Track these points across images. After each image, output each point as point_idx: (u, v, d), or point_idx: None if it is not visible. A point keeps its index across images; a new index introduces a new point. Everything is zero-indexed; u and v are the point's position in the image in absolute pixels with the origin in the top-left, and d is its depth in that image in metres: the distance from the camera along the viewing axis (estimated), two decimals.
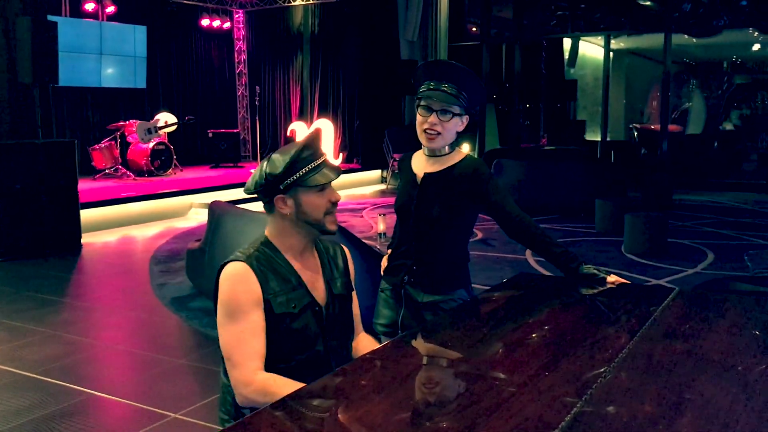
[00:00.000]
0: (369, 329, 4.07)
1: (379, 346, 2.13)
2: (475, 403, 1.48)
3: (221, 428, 1.97)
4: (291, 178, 1.95)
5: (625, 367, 1.62)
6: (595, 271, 2.33)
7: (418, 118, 2.46)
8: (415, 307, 2.53)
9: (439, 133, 2.43)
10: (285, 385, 1.80)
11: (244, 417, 1.90)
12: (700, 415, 1.40)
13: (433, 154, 2.51)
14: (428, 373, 1.73)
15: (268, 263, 1.96)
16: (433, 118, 2.41)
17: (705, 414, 1.40)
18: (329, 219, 2.02)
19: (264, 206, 2.05)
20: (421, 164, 2.55)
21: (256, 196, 2.03)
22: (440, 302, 2.49)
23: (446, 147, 2.49)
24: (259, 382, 1.85)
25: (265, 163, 1.99)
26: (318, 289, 2.04)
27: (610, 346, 1.79)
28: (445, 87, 2.38)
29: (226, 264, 1.96)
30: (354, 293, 2.19)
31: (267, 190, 1.97)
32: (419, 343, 1.95)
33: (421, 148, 2.60)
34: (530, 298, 2.37)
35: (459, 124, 2.45)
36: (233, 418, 1.96)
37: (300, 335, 1.96)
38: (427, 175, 2.50)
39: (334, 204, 2.02)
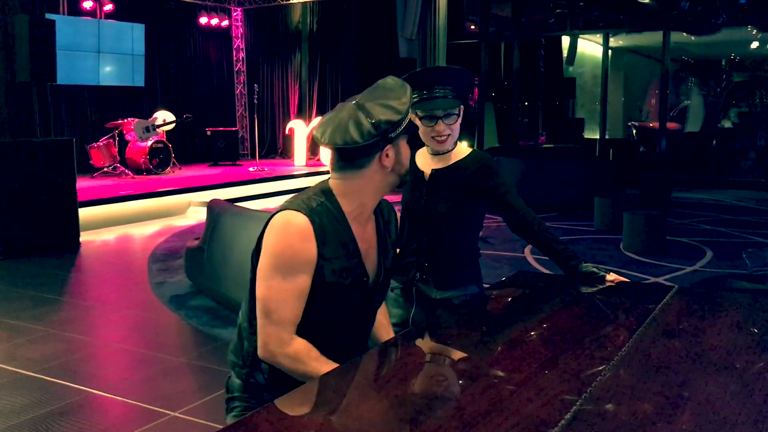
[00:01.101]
0: None
1: (387, 315, 2.14)
2: (475, 401, 1.48)
3: (230, 368, 1.94)
4: (403, 125, 1.81)
5: (625, 365, 1.62)
6: (595, 270, 2.33)
7: (422, 128, 2.46)
8: (427, 304, 2.53)
9: (449, 135, 2.46)
10: (317, 360, 1.74)
11: (255, 370, 1.86)
12: (699, 412, 1.40)
13: (431, 152, 2.55)
14: (428, 372, 1.73)
15: (329, 220, 1.80)
16: (440, 126, 2.43)
17: (704, 412, 1.40)
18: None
19: (350, 164, 1.82)
20: (426, 161, 2.56)
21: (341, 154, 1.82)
22: (453, 298, 2.50)
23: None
24: (294, 346, 1.76)
25: (371, 110, 1.79)
26: (370, 261, 1.90)
27: (610, 344, 1.79)
28: (438, 92, 2.41)
29: (283, 210, 1.79)
30: None
31: (375, 141, 1.77)
32: (418, 342, 1.95)
33: (418, 145, 2.61)
34: (529, 296, 2.37)
35: (460, 118, 2.49)
36: (247, 366, 1.88)
37: (343, 306, 1.85)
38: (435, 171, 2.51)
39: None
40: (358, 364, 1.74)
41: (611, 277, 2.33)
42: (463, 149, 2.55)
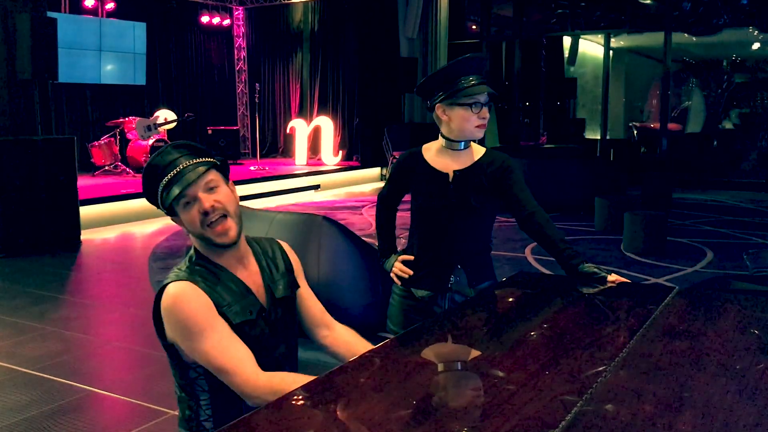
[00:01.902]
0: (369, 328, 4.06)
1: (358, 337, 2.10)
2: (475, 401, 1.48)
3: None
4: (160, 195, 1.91)
5: (625, 367, 1.61)
6: (596, 270, 2.32)
7: (462, 113, 2.42)
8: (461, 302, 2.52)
9: (485, 125, 2.49)
10: (293, 382, 1.73)
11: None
12: (700, 414, 1.39)
13: (454, 148, 2.50)
14: (428, 372, 1.73)
15: (210, 275, 1.85)
16: (484, 112, 2.45)
17: (705, 413, 1.40)
18: (210, 230, 1.84)
19: None
20: (444, 162, 2.51)
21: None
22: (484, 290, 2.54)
23: (466, 140, 2.51)
24: (263, 382, 1.76)
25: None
26: (261, 295, 1.94)
27: (610, 345, 1.79)
28: (483, 79, 2.44)
29: (164, 288, 1.82)
30: (305, 289, 2.09)
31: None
32: (418, 343, 1.94)
33: (418, 145, 2.60)
34: (530, 296, 2.36)
35: None
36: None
37: (258, 342, 1.87)
38: (458, 172, 2.49)
39: (206, 213, 1.83)
40: (357, 364, 1.74)
41: (612, 278, 2.32)
42: (479, 148, 2.56)
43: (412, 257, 2.58)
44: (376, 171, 13.79)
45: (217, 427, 1.83)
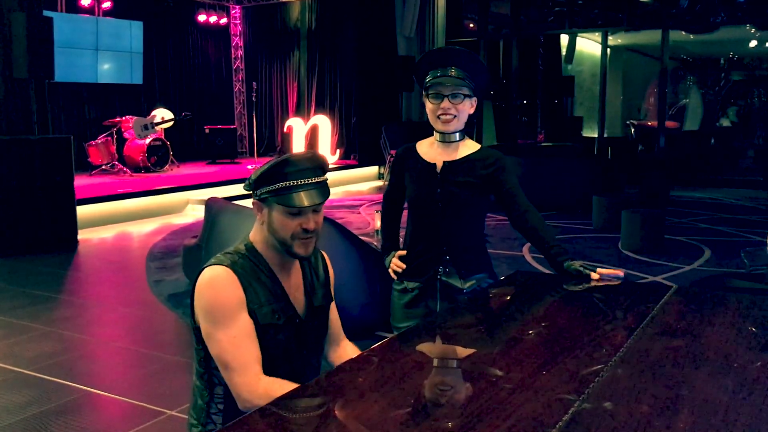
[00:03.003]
0: (367, 328, 4.06)
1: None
2: (473, 401, 1.47)
3: (188, 429, 1.96)
4: (261, 189, 1.85)
5: (624, 365, 1.61)
6: (580, 269, 2.33)
7: (430, 106, 2.48)
8: (452, 295, 2.53)
9: (454, 116, 2.45)
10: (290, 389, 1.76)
11: (207, 425, 1.89)
12: (699, 412, 1.39)
13: (445, 141, 2.52)
14: (426, 372, 1.72)
15: (252, 271, 1.87)
16: (445, 103, 2.44)
17: (703, 411, 1.40)
18: (297, 243, 1.87)
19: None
20: (434, 154, 2.55)
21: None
22: (477, 284, 2.54)
23: (457, 134, 2.51)
24: (263, 387, 1.77)
25: (269, 163, 1.88)
26: (298, 301, 1.96)
27: (608, 344, 1.78)
28: (453, 72, 2.42)
29: (206, 268, 1.85)
30: (333, 303, 2.13)
31: (250, 188, 1.89)
32: (416, 342, 1.94)
33: (417, 141, 2.62)
34: (528, 295, 2.36)
35: (469, 105, 2.49)
36: (201, 423, 1.91)
37: (281, 348, 1.88)
38: (447, 163, 2.51)
39: (306, 231, 1.86)
40: (356, 364, 1.74)
41: (596, 276, 2.32)
42: (473, 144, 2.57)
43: (405, 252, 2.62)
44: (373, 170, 13.78)
45: (226, 422, 1.83)
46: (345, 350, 2.14)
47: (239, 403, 1.80)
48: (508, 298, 2.34)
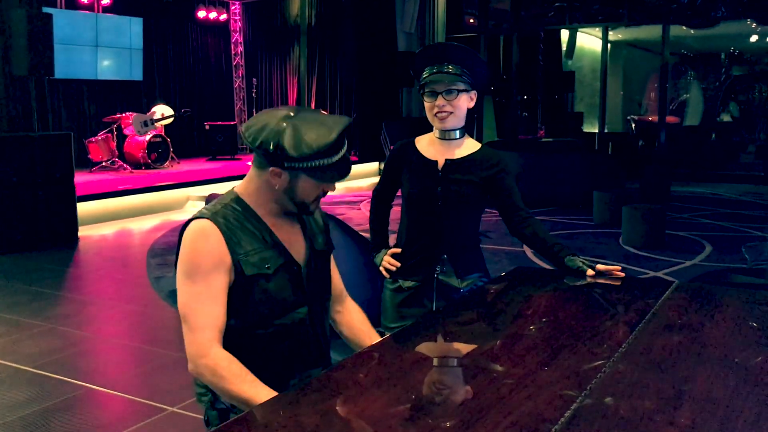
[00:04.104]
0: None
1: (367, 323, 2.11)
2: (475, 397, 1.47)
3: (197, 401, 1.93)
4: (302, 164, 1.76)
5: (625, 361, 1.61)
6: (580, 264, 2.33)
7: (426, 104, 2.46)
8: (450, 294, 2.51)
9: (450, 113, 2.42)
10: (237, 375, 1.69)
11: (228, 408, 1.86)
12: (700, 407, 1.39)
13: (445, 138, 2.49)
14: (427, 368, 1.72)
15: (237, 221, 1.80)
16: (439, 100, 2.41)
17: (705, 407, 1.39)
18: (315, 204, 1.88)
19: (254, 160, 1.86)
20: (434, 151, 2.52)
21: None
22: (473, 282, 2.53)
23: (457, 132, 2.48)
24: (212, 358, 1.70)
25: (286, 130, 1.75)
26: (296, 247, 1.89)
27: (610, 340, 1.78)
28: (449, 68, 2.39)
29: (189, 221, 1.80)
30: (332, 258, 2.09)
31: (269, 157, 1.77)
32: (417, 338, 1.94)
33: (416, 137, 2.60)
34: (529, 291, 2.36)
35: (468, 100, 2.45)
36: (210, 392, 1.85)
37: (277, 298, 1.82)
38: (449, 161, 2.48)
39: (326, 193, 1.88)
40: (356, 361, 1.73)
41: (602, 267, 2.33)
42: (474, 143, 2.54)
43: (399, 250, 2.59)
44: (374, 166, 13.77)
45: (233, 407, 1.80)
46: (350, 313, 2.11)
47: (188, 366, 1.75)
48: (509, 294, 2.34)
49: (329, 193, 1.91)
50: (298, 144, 1.74)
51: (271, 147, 1.74)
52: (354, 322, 2.10)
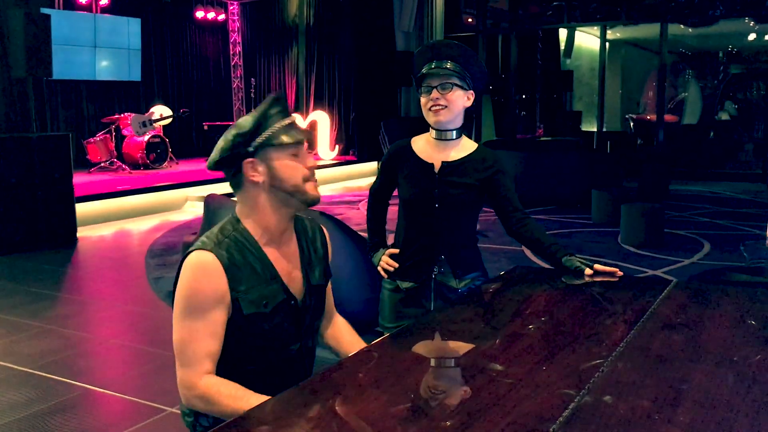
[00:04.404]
0: (367, 323, 4.05)
1: (354, 335, 2.10)
2: (473, 397, 1.47)
3: (182, 418, 1.93)
4: (261, 137, 1.75)
5: (624, 360, 1.61)
6: (578, 264, 2.33)
7: (422, 99, 2.44)
8: (448, 295, 2.51)
9: (444, 107, 2.40)
10: (229, 396, 1.68)
11: (199, 415, 1.83)
12: (699, 406, 1.39)
13: (442, 139, 2.47)
14: (426, 368, 1.72)
15: (239, 253, 1.76)
16: (434, 93, 2.40)
17: (704, 405, 1.39)
18: (309, 185, 1.81)
19: (231, 183, 1.83)
20: (431, 153, 2.50)
21: (223, 173, 1.83)
22: (471, 282, 2.53)
23: (454, 132, 2.46)
24: (202, 387, 1.70)
25: (230, 129, 1.80)
26: (294, 280, 1.86)
27: (609, 339, 1.78)
28: (448, 65, 2.39)
29: (191, 252, 1.76)
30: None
31: (234, 156, 1.76)
32: (416, 338, 1.94)
33: (413, 137, 2.59)
34: (528, 290, 2.36)
35: (464, 98, 2.43)
36: (192, 414, 1.86)
37: (272, 335, 1.80)
38: (445, 164, 2.47)
39: (312, 170, 1.82)
40: (355, 361, 1.73)
41: (600, 267, 2.33)
42: (471, 144, 2.53)
43: (398, 251, 2.58)
44: (372, 165, 13.77)
45: (216, 423, 1.82)
46: (338, 327, 2.09)
47: (181, 398, 1.75)
48: (508, 293, 2.34)
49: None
50: (244, 122, 1.78)
51: (227, 147, 1.77)
52: (341, 334, 2.09)
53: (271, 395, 1.82)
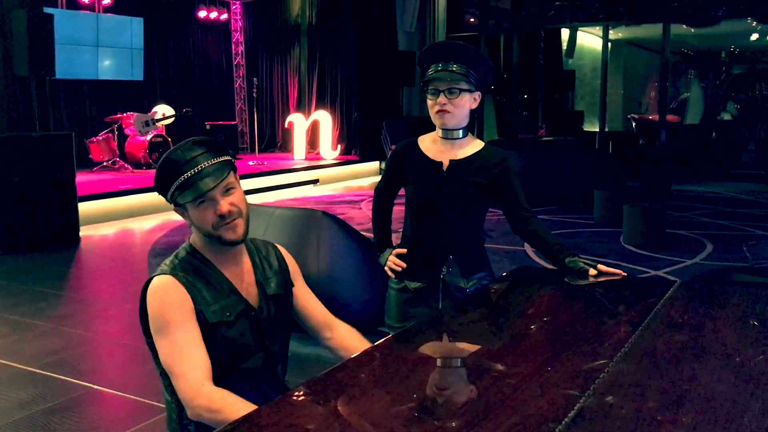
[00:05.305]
0: (369, 323, 4.05)
1: (361, 338, 2.10)
2: (478, 397, 1.47)
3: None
4: (170, 194, 1.87)
5: (628, 361, 1.61)
6: (582, 265, 2.33)
7: (429, 102, 2.45)
8: (456, 294, 2.51)
9: (449, 112, 2.41)
10: (233, 403, 1.70)
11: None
12: (703, 406, 1.39)
13: (448, 138, 2.47)
14: (430, 368, 1.72)
15: (195, 273, 1.86)
16: (441, 98, 2.39)
17: (708, 406, 1.39)
18: (223, 230, 1.85)
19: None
20: (438, 152, 2.50)
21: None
22: (479, 282, 2.53)
23: (460, 131, 2.47)
24: (204, 395, 1.73)
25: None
26: (251, 293, 1.94)
27: (613, 339, 1.78)
28: (454, 67, 2.38)
29: (150, 279, 1.85)
30: (303, 290, 2.10)
31: (168, 200, 1.91)
32: (420, 338, 1.94)
33: (418, 135, 2.59)
34: (531, 291, 2.36)
35: (470, 101, 2.44)
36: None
37: (237, 343, 1.87)
38: (454, 162, 2.47)
39: (222, 216, 1.84)
40: (359, 361, 1.74)
41: (603, 267, 2.32)
42: (478, 142, 2.53)
43: (405, 250, 2.57)
44: (374, 165, 13.77)
45: (199, 431, 1.83)
46: (341, 334, 2.10)
47: (187, 412, 1.77)
48: (512, 293, 2.34)
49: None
50: (156, 177, 1.89)
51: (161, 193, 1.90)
52: (350, 340, 2.09)
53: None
